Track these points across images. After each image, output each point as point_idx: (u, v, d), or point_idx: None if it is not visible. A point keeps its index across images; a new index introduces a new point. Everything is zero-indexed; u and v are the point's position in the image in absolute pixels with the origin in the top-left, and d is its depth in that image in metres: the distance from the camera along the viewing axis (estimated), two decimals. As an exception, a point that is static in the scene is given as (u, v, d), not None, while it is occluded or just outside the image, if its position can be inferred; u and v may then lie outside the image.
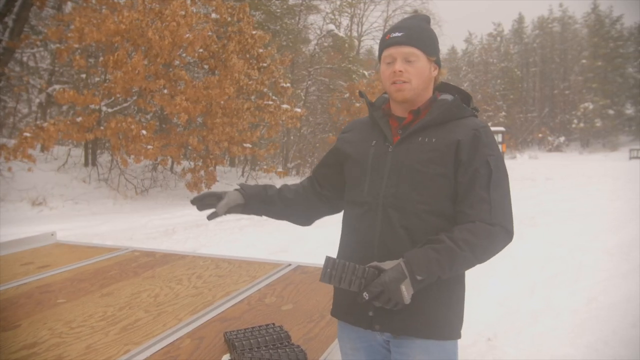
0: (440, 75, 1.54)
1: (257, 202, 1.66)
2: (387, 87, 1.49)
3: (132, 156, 11.46)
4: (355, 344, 1.53)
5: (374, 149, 1.49)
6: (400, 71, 1.42)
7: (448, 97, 1.51)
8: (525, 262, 5.72)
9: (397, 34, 1.45)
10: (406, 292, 1.28)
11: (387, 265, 1.32)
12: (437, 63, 1.50)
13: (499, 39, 57.92)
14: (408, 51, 1.43)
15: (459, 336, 1.47)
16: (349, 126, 1.67)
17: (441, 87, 1.57)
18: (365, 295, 1.29)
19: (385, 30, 1.58)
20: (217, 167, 14.33)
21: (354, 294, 1.35)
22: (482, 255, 1.35)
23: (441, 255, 1.30)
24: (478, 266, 1.43)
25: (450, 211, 1.42)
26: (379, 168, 1.46)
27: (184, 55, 12.11)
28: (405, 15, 28.55)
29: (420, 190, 1.40)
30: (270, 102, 13.78)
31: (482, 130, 1.43)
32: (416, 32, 1.46)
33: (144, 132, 11.19)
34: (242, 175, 17.52)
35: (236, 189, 1.67)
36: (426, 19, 1.56)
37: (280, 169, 16.02)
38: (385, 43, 1.47)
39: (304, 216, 1.73)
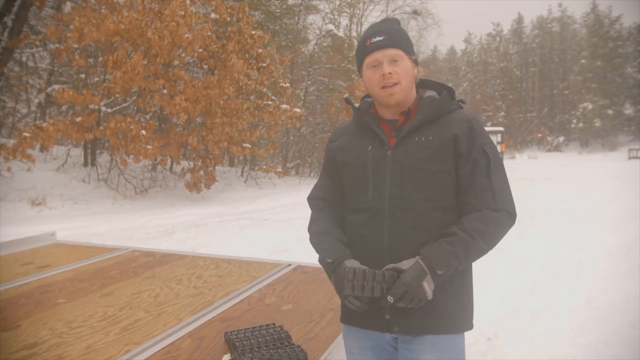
0: (418, 74, 1.56)
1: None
2: (375, 92, 1.48)
3: (132, 156, 11.46)
4: (363, 343, 1.54)
5: (371, 154, 1.49)
6: (389, 73, 1.44)
7: (432, 93, 1.54)
8: (525, 262, 5.73)
9: (379, 38, 1.46)
10: (428, 288, 1.30)
11: (405, 265, 1.33)
12: (416, 62, 1.53)
13: (498, 39, 57.88)
14: (393, 53, 1.45)
15: (472, 326, 1.50)
16: (336, 135, 1.66)
17: (422, 84, 1.59)
18: (390, 298, 1.30)
19: (362, 35, 1.58)
20: (216, 167, 14.32)
21: (366, 299, 1.36)
22: (492, 242, 1.40)
23: (456, 247, 1.34)
24: (478, 265, 1.44)
25: (454, 205, 1.44)
26: (380, 172, 1.47)
27: (183, 55, 12.11)
28: (405, 16, 28.32)
29: (425, 188, 1.42)
30: (270, 102, 13.78)
31: (474, 121, 1.47)
32: (396, 34, 1.49)
33: (143, 132, 11.19)
34: (242, 175, 17.51)
35: (341, 258, 1.45)
36: (398, 21, 1.58)
37: (279, 169, 16.02)
38: (368, 49, 1.47)
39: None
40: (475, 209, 1.40)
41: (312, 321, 1.89)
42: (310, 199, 1.67)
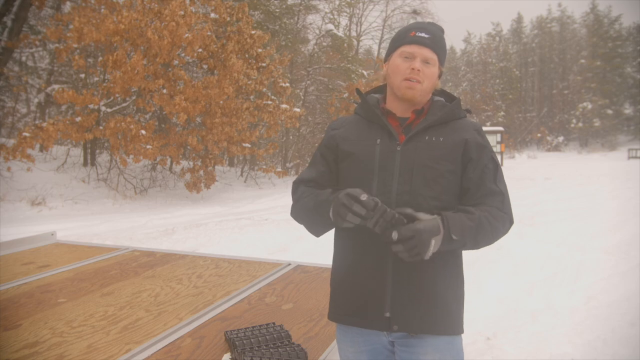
0: (437, 85, 1.58)
1: None
2: (396, 82, 1.49)
3: (131, 156, 11.46)
4: (359, 347, 1.52)
5: (380, 147, 1.48)
6: (418, 70, 1.45)
7: (440, 99, 1.58)
8: (525, 261, 5.73)
9: (423, 35, 1.49)
10: (433, 247, 1.29)
11: (423, 216, 1.33)
12: (441, 74, 1.55)
13: (497, 38, 57.89)
14: (430, 55, 1.48)
15: (463, 330, 1.51)
16: (337, 123, 1.63)
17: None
18: (395, 234, 1.28)
19: (406, 25, 1.60)
20: (216, 167, 14.32)
21: (362, 298, 1.36)
22: (496, 237, 1.43)
23: (474, 224, 1.36)
24: (477, 264, 1.45)
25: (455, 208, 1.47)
26: (388, 166, 1.46)
27: (183, 55, 12.10)
28: (405, 16, 28.34)
29: (432, 186, 1.44)
30: (269, 102, 13.77)
31: (481, 130, 1.53)
32: (439, 40, 1.52)
33: (143, 132, 11.19)
34: (242, 175, 17.51)
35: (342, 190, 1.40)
36: (443, 30, 1.60)
37: (279, 169, 16.02)
38: (409, 39, 1.49)
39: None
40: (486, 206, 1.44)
41: (312, 320, 1.90)
42: (299, 182, 1.59)
